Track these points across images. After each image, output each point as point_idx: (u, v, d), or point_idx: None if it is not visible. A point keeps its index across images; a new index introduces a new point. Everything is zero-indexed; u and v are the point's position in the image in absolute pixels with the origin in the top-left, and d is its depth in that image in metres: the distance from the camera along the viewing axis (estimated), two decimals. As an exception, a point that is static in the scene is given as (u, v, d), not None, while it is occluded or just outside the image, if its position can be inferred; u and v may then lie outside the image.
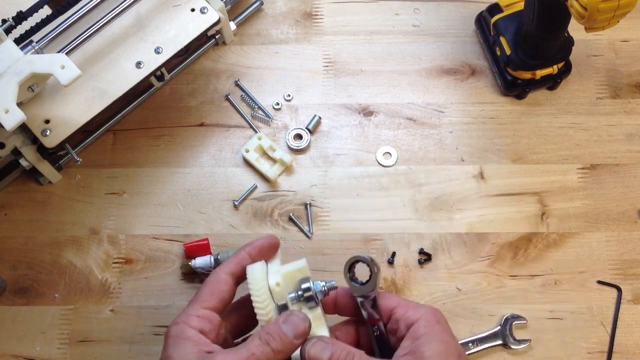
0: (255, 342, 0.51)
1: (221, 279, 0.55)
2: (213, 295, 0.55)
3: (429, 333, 0.53)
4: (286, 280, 0.55)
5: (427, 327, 0.53)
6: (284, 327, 0.52)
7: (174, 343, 0.52)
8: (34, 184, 0.75)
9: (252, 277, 0.54)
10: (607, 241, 0.72)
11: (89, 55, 0.71)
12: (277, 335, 0.51)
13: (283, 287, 0.55)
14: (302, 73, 0.80)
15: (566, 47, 0.74)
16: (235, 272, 0.56)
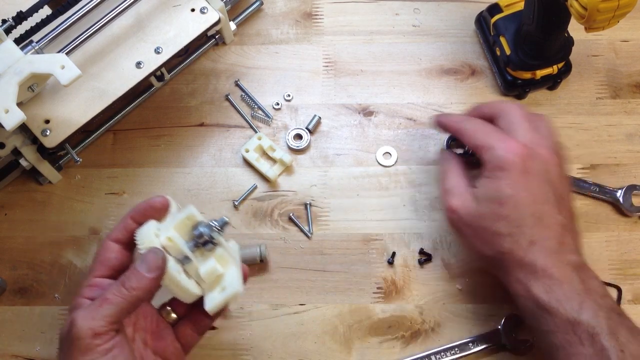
0: (112, 287, 0.52)
1: (107, 247, 0.56)
2: (102, 264, 0.56)
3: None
4: (180, 232, 0.55)
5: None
6: (138, 265, 0.53)
7: (71, 315, 0.52)
8: (34, 184, 0.75)
9: (140, 239, 0.55)
10: (607, 241, 0.72)
11: (89, 55, 0.71)
12: (131, 274, 0.53)
13: (178, 240, 0.55)
14: (302, 73, 0.80)
15: (566, 47, 0.74)
16: (122, 239, 0.57)
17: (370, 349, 0.68)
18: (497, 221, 0.59)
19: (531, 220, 0.58)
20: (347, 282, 0.70)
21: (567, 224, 0.60)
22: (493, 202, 0.59)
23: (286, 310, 0.70)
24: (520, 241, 0.58)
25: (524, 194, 0.58)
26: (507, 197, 0.58)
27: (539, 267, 0.57)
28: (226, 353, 0.68)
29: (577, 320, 0.54)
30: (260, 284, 0.71)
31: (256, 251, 0.70)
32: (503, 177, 0.59)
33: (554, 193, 0.60)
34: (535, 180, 0.59)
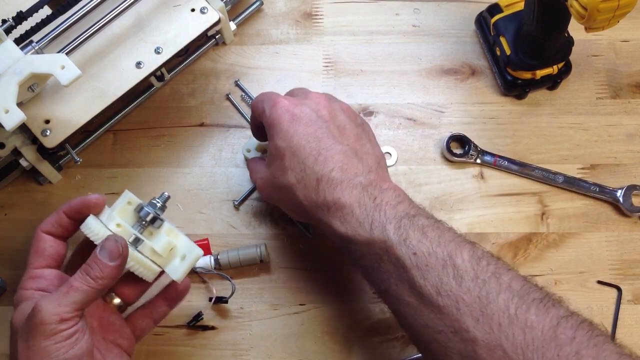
0: (76, 275, 0.53)
1: (41, 238, 0.58)
2: (38, 255, 0.58)
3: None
4: (124, 218, 0.58)
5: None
6: (99, 254, 0.54)
7: (15, 310, 0.55)
8: (34, 184, 0.75)
9: (90, 232, 0.56)
10: (607, 241, 0.72)
11: (89, 55, 0.71)
12: (93, 263, 0.54)
13: (126, 225, 0.57)
14: (302, 73, 0.80)
15: (566, 47, 0.74)
16: (54, 232, 0.59)
17: (370, 349, 0.68)
18: (285, 174, 0.60)
19: (310, 160, 0.58)
20: (347, 282, 0.70)
21: (350, 150, 0.60)
22: (276, 159, 0.60)
23: (286, 310, 0.70)
24: (308, 184, 0.58)
25: (296, 139, 0.59)
26: (283, 149, 0.59)
27: (330, 201, 0.57)
28: (226, 353, 0.68)
29: (371, 239, 0.55)
30: (260, 284, 0.71)
31: (256, 251, 0.70)
32: (275, 133, 0.60)
33: (327, 127, 0.60)
34: (305, 123, 0.60)
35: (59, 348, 0.50)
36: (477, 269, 0.52)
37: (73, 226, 0.59)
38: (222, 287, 0.70)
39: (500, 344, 0.48)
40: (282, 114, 0.60)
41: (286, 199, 0.61)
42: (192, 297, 0.70)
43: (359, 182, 0.58)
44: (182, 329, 0.69)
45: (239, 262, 0.70)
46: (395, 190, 0.58)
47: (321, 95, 0.63)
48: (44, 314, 0.50)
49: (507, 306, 0.49)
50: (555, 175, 0.74)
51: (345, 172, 0.58)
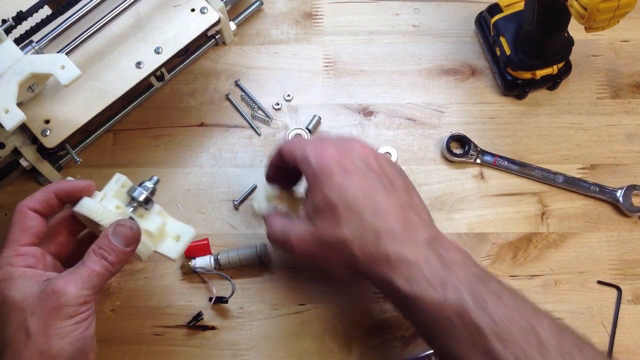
0: (92, 258, 0.54)
1: (27, 215, 0.56)
2: (25, 232, 0.56)
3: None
4: (119, 199, 0.59)
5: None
6: (113, 239, 0.55)
7: (6, 286, 0.53)
8: (34, 184, 0.75)
9: (91, 213, 0.56)
10: (607, 241, 0.72)
11: (89, 55, 0.71)
12: (109, 249, 0.54)
13: (123, 207, 0.58)
14: (302, 73, 0.80)
15: (566, 47, 0.74)
16: (41, 209, 0.57)
17: (370, 349, 0.68)
18: (338, 228, 0.56)
19: (369, 214, 0.55)
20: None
21: (406, 204, 0.57)
22: (326, 213, 0.56)
23: (286, 310, 0.70)
24: (367, 237, 0.55)
25: (351, 193, 0.56)
26: (336, 203, 0.56)
27: (392, 256, 0.54)
28: (226, 353, 0.68)
29: (443, 302, 0.52)
30: (260, 284, 0.71)
31: (256, 251, 0.70)
32: (325, 185, 0.56)
33: (380, 179, 0.58)
34: (357, 176, 0.57)
35: (77, 328, 0.52)
36: (559, 339, 0.50)
37: (59, 207, 0.59)
38: (222, 287, 0.70)
39: None
40: (333, 166, 0.57)
41: (336, 254, 0.57)
42: (192, 297, 0.70)
43: (422, 237, 0.55)
44: (182, 329, 0.69)
45: (239, 262, 0.70)
46: (458, 249, 0.56)
47: (363, 144, 0.60)
48: (68, 296, 0.51)
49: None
50: (555, 175, 0.74)
51: (406, 226, 0.55)
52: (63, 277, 0.53)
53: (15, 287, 0.53)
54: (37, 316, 0.51)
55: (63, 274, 0.53)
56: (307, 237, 0.58)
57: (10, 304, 0.52)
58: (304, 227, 0.58)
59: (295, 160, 0.59)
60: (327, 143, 0.59)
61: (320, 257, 0.58)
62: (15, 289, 0.53)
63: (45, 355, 0.50)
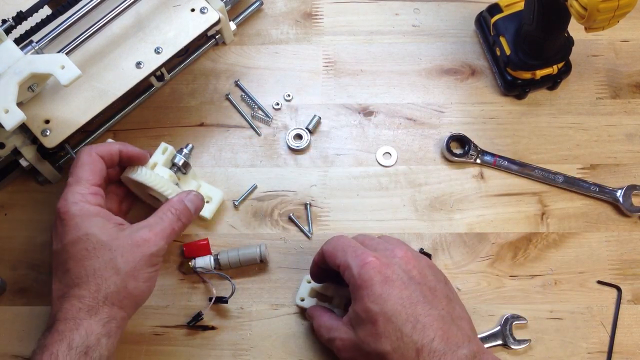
0: (170, 217, 0.62)
1: (96, 159, 0.63)
2: (95, 174, 0.62)
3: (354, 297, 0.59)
4: (167, 166, 0.68)
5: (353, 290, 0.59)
6: (189, 204, 0.64)
7: (83, 221, 0.60)
8: (34, 184, 0.75)
9: (151, 181, 0.65)
10: (607, 241, 0.72)
11: (89, 55, 0.71)
12: (184, 211, 0.63)
13: (172, 175, 0.68)
14: (302, 73, 0.80)
15: (566, 47, 0.74)
16: (106, 159, 0.64)
17: (370, 349, 0.68)
18: (378, 341, 0.56)
19: (408, 327, 0.55)
20: (347, 282, 0.70)
21: (447, 315, 0.57)
22: (366, 323, 0.57)
23: (286, 310, 0.70)
24: (406, 353, 0.55)
25: (390, 303, 0.56)
26: (376, 314, 0.56)
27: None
28: (226, 353, 0.68)
29: None
30: (260, 284, 0.71)
31: (256, 251, 0.70)
32: (366, 295, 0.57)
33: (420, 289, 0.57)
34: (398, 286, 0.57)
35: (154, 274, 0.61)
36: None
37: (115, 169, 0.67)
38: (222, 287, 0.70)
39: None
40: (374, 276, 0.57)
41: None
42: (192, 297, 0.70)
43: (463, 355, 0.54)
44: (182, 329, 0.69)
45: (239, 262, 0.70)
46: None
47: (406, 250, 0.60)
48: (158, 248, 0.60)
49: None
50: (555, 175, 0.74)
51: (447, 343, 0.55)
52: (149, 228, 0.60)
53: (96, 226, 0.59)
54: (126, 259, 0.58)
55: (146, 225, 0.61)
56: (350, 344, 0.59)
57: (96, 241, 0.58)
58: (348, 333, 0.59)
59: (338, 266, 0.60)
60: (368, 250, 0.60)
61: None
62: (97, 227, 0.59)
63: (128, 292, 0.59)
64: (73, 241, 0.59)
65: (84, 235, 0.58)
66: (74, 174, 0.62)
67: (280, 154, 0.76)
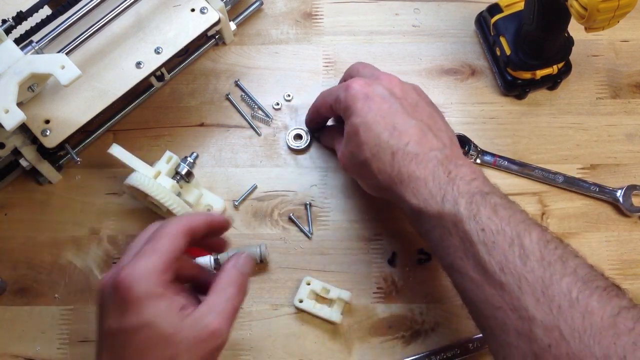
0: (232, 293, 0.53)
1: (186, 235, 0.53)
2: (178, 251, 0.52)
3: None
4: (169, 175, 0.68)
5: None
6: (244, 271, 0.55)
7: (148, 306, 0.49)
8: (34, 184, 0.75)
9: (155, 191, 0.65)
10: (607, 241, 0.72)
11: (89, 55, 0.71)
12: (243, 283, 0.55)
13: (175, 185, 0.68)
14: (302, 73, 0.80)
15: (566, 47, 0.74)
16: (193, 231, 0.54)
17: (370, 349, 0.68)
18: (360, 150, 0.61)
19: (385, 134, 0.60)
20: (347, 282, 0.70)
21: (425, 126, 0.61)
22: (352, 136, 0.62)
23: (286, 310, 0.70)
24: (383, 157, 0.60)
25: (371, 115, 0.61)
26: (357, 125, 0.61)
27: (405, 174, 0.58)
28: (226, 353, 0.68)
29: (441, 212, 0.56)
30: (260, 284, 0.71)
31: (256, 251, 0.70)
32: (351, 112, 0.62)
33: (401, 104, 0.62)
34: (377, 101, 0.62)
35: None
36: (543, 251, 0.52)
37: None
38: (222, 287, 0.70)
39: (557, 325, 0.49)
40: (356, 94, 0.62)
41: (363, 174, 0.63)
42: (192, 297, 0.70)
43: (434, 156, 0.59)
44: (182, 329, 0.69)
45: (239, 262, 0.70)
46: (470, 167, 0.59)
47: (391, 75, 0.65)
48: (224, 340, 0.54)
49: (569, 290, 0.50)
50: (555, 175, 0.74)
51: (420, 146, 0.59)
52: (215, 314, 0.51)
53: (160, 314, 0.50)
54: (190, 355, 0.50)
55: (210, 310, 0.52)
56: (342, 157, 0.65)
57: (159, 334, 0.49)
58: (342, 147, 0.65)
59: (330, 107, 0.66)
60: (356, 77, 0.65)
61: (356, 174, 0.66)
62: (161, 316, 0.50)
63: None
64: (134, 328, 0.49)
65: (146, 324, 0.49)
66: (153, 242, 0.52)
67: (280, 154, 0.76)
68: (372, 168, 0.61)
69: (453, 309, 0.69)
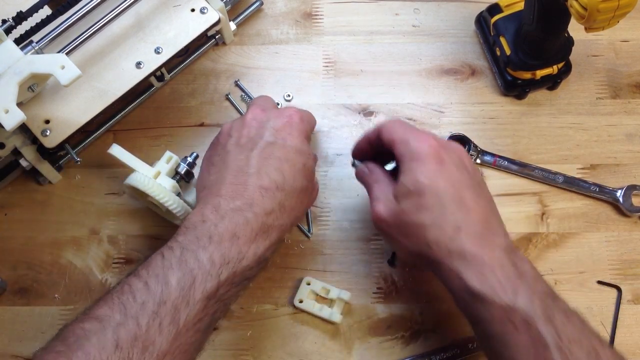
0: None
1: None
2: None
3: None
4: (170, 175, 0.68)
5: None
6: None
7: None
8: (34, 184, 0.75)
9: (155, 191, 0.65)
10: (607, 241, 0.72)
11: (89, 55, 0.71)
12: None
13: (175, 185, 0.67)
14: (302, 73, 0.80)
15: (566, 47, 0.74)
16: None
17: (370, 349, 0.68)
18: (420, 212, 0.57)
19: (453, 206, 0.56)
20: (347, 282, 0.70)
21: (489, 208, 0.59)
22: (413, 195, 0.57)
23: (286, 310, 0.70)
24: (446, 228, 0.56)
25: (442, 182, 0.57)
26: (425, 186, 0.57)
27: (468, 253, 0.55)
28: (226, 353, 0.68)
29: (513, 307, 0.52)
30: (260, 284, 0.70)
31: (256, 251, 0.69)
32: (419, 168, 0.58)
33: (471, 179, 0.59)
34: (451, 168, 0.58)
35: None
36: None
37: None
38: (222, 287, 0.70)
39: None
40: (430, 151, 0.58)
41: (410, 238, 0.58)
42: (192, 297, 0.70)
43: (500, 242, 0.56)
44: (182, 329, 0.69)
45: (239, 262, 0.70)
46: (530, 263, 0.56)
47: (459, 145, 0.62)
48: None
49: None
50: (555, 175, 0.74)
51: (488, 229, 0.56)
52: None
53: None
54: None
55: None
56: (389, 213, 0.59)
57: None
58: (391, 203, 0.59)
59: (394, 140, 0.60)
60: (428, 133, 0.61)
61: (394, 235, 0.60)
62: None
63: None
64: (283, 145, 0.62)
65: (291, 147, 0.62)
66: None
67: (280, 154, 0.76)
68: (427, 236, 0.56)
69: (453, 309, 0.69)
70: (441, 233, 0.56)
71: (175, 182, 0.68)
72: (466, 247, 0.55)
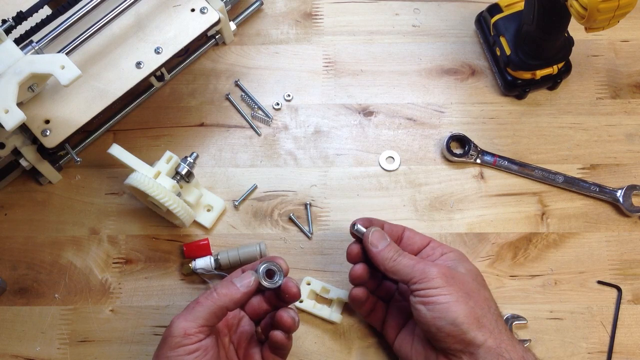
0: (205, 292, 0.58)
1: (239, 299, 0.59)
2: (216, 316, 0.58)
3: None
4: (170, 175, 0.68)
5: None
6: (235, 280, 0.59)
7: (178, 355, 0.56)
8: (34, 184, 0.75)
9: (155, 191, 0.65)
10: (607, 241, 0.72)
11: (89, 55, 0.71)
12: (225, 283, 0.59)
13: (176, 186, 0.67)
14: (302, 73, 0.80)
15: (566, 47, 0.74)
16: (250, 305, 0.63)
17: (370, 349, 0.68)
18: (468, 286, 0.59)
19: (493, 308, 0.60)
20: (347, 282, 0.70)
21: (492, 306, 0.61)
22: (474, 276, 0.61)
23: (286, 310, 0.70)
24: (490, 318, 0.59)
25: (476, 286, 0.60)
26: (476, 273, 0.61)
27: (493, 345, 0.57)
28: (226, 353, 0.68)
29: None
30: (260, 284, 0.70)
31: (256, 249, 0.70)
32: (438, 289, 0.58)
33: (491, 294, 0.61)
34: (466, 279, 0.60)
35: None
36: None
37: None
38: (222, 287, 0.70)
39: None
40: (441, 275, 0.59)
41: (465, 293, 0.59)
42: (192, 297, 0.70)
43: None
44: (182, 329, 0.69)
45: (239, 261, 0.70)
46: (520, 344, 0.59)
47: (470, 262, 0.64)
48: (173, 328, 0.56)
49: None
50: (555, 175, 0.74)
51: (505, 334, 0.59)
52: (181, 312, 0.58)
53: (171, 320, 0.58)
54: (158, 347, 0.57)
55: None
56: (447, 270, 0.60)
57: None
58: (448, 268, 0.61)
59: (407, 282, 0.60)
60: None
61: (456, 288, 0.59)
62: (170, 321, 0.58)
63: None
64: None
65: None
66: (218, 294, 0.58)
67: (280, 154, 0.76)
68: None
69: (453, 309, 0.69)
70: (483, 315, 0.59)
71: (175, 182, 0.67)
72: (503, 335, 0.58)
